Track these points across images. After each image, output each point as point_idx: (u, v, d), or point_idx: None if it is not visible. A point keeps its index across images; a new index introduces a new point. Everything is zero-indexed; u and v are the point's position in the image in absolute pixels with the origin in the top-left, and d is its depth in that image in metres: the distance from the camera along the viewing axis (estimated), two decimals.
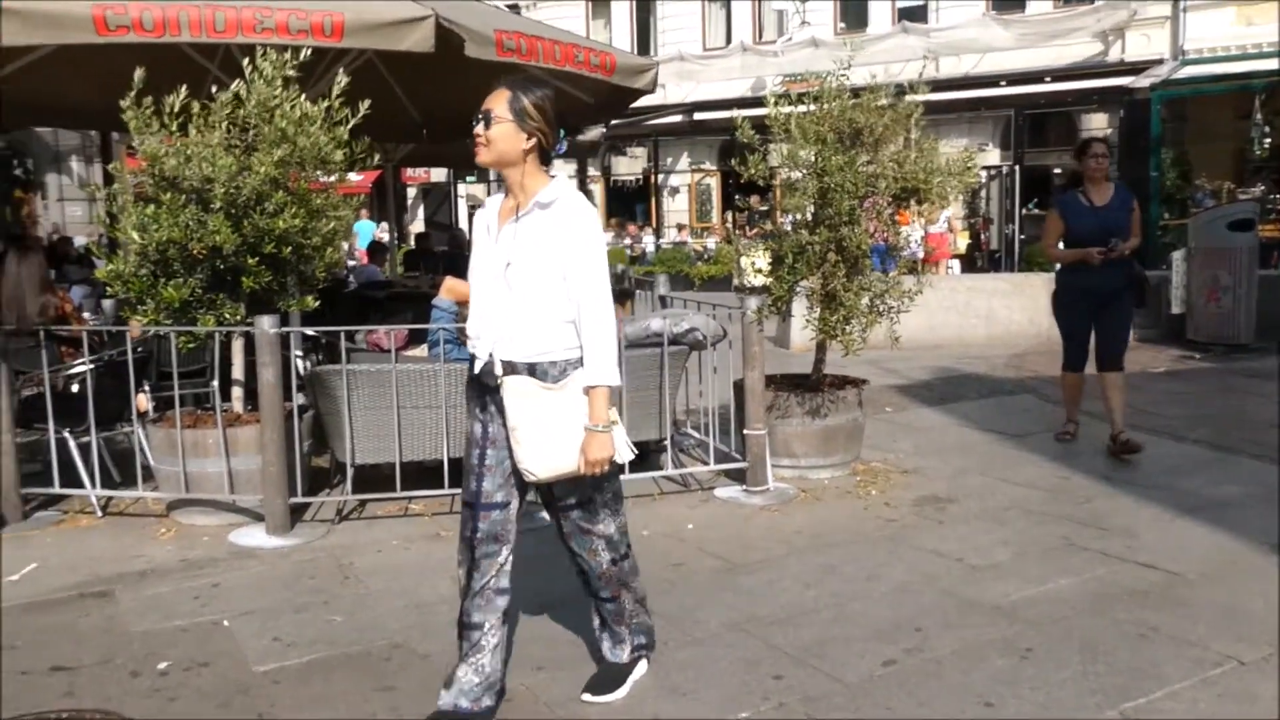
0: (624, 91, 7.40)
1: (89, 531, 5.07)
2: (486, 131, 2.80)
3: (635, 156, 26.30)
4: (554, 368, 2.84)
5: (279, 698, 3.28)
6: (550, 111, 2.84)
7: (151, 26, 4.95)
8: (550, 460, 2.84)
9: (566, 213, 2.83)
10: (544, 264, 2.81)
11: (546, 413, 2.82)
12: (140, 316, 4.97)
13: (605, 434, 2.82)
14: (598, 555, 3.11)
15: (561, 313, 2.83)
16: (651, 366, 5.53)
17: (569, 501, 3.02)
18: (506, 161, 2.84)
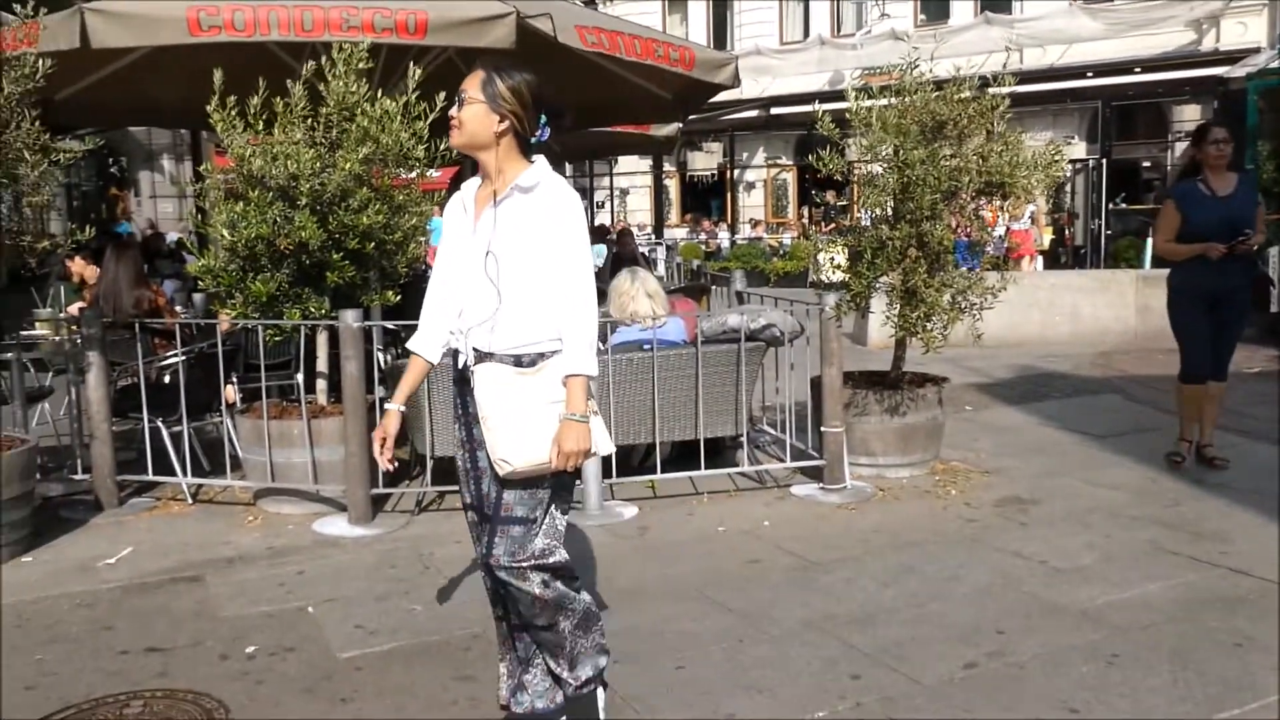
0: (702, 86, 7.39)
1: (180, 518, 5.24)
2: (459, 113, 2.68)
3: (711, 152, 26.24)
4: (527, 357, 2.68)
5: (362, 684, 3.35)
6: (528, 95, 2.66)
7: (242, 26, 5.09)
8: (527, 449, 2.62)
9: (547, 197, 2.67)
10: (525, 251, 2.66)
11: (521, 398, 2.64)
12: (229, 310, 5.11)
13: (583, 424, 2.62)
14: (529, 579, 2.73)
15: (544, 301, 2.67)
16: (728, 362, 5.51)
17: (517, 512, 2.70)
18: (478, 144, 2.69)
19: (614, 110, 9.68)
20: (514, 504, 2.69)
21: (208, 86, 4.84)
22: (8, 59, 4.16)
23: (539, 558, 2.71)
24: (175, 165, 20.64)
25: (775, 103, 22.01)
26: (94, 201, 18.43)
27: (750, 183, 26.35)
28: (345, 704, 3.22)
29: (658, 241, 19.60)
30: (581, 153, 18.15)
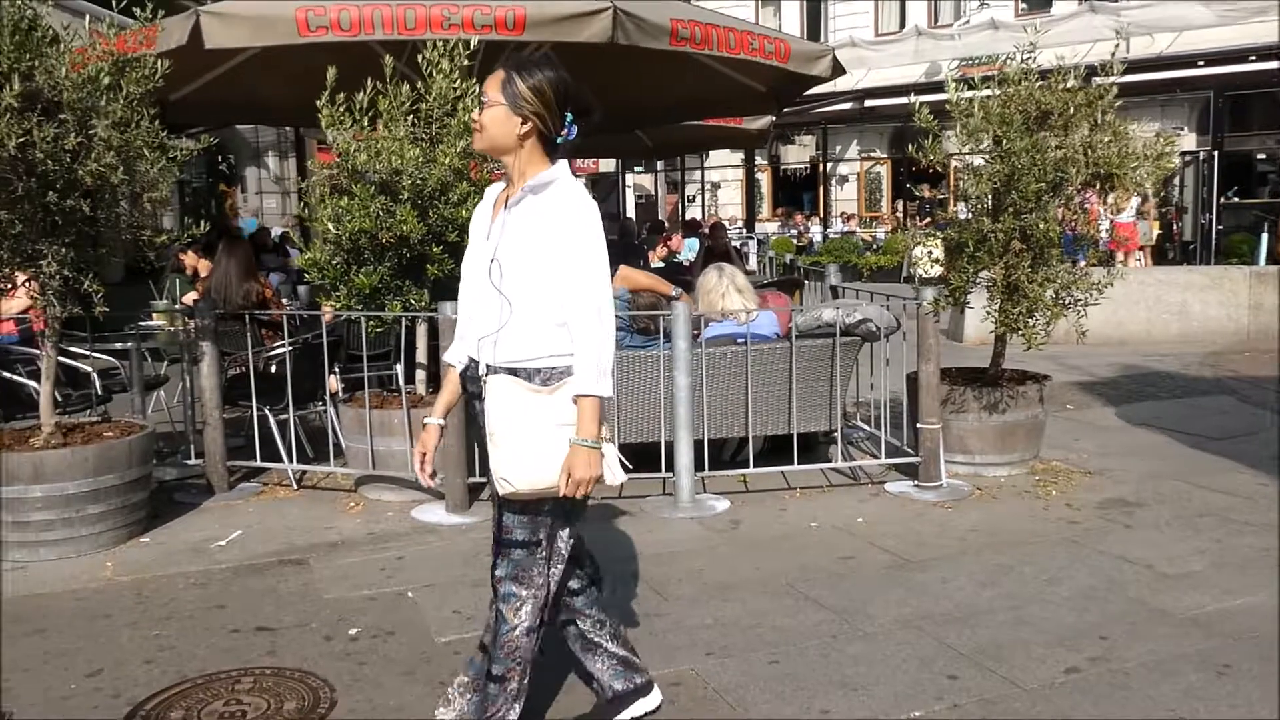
0: (798, 79, 7.33)
1: (285, 503, 5.41)
2: (480, 116, 2.55)
3: (803, 145, 26.02)
4: (538, 375, 2.50)
5: (458, 668, 3.41)
6: (550, 94, 2.51)
7: (348, 26, 5.22)
8: (530, 471, 2.47)
9: (557, 199, 2.50)
10: (531, 258, 2.49)
11: (531, 416, 2.47)
12: (333, 302, 5.26)
13: (593, 450, 2.45)
14: (519, 614, 2.62)
15: (552, 314, 2.49)
16: (822, 357, 5.47)
17: (516, 536, 2.61)
18: (500, 148, 2.56)
19: (706, 104, 9.68)
20: (513, 527, 2.60)
21: (311, 85, 4.99)
22: (130, 60, 4.34)
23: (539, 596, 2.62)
24: (279, 162, 21.27)
25: (870, 95, 21.70)
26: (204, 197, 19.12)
27: (843, 176, 26.05)
28: (443, 687, 3.28)
29: (749, 235, 19.52)
30: (672, 147, 18.12)
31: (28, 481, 4.39)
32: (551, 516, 2.61)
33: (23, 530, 4.43)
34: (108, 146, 4.19)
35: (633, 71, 8.04)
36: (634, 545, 4.61)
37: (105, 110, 4.21)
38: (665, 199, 29.78)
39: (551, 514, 2.60)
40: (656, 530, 4.83)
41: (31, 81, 4.07)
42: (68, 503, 4.44)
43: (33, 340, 7.20)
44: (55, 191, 4.19)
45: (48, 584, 4.21)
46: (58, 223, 4.30)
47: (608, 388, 2.48)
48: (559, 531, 2.65)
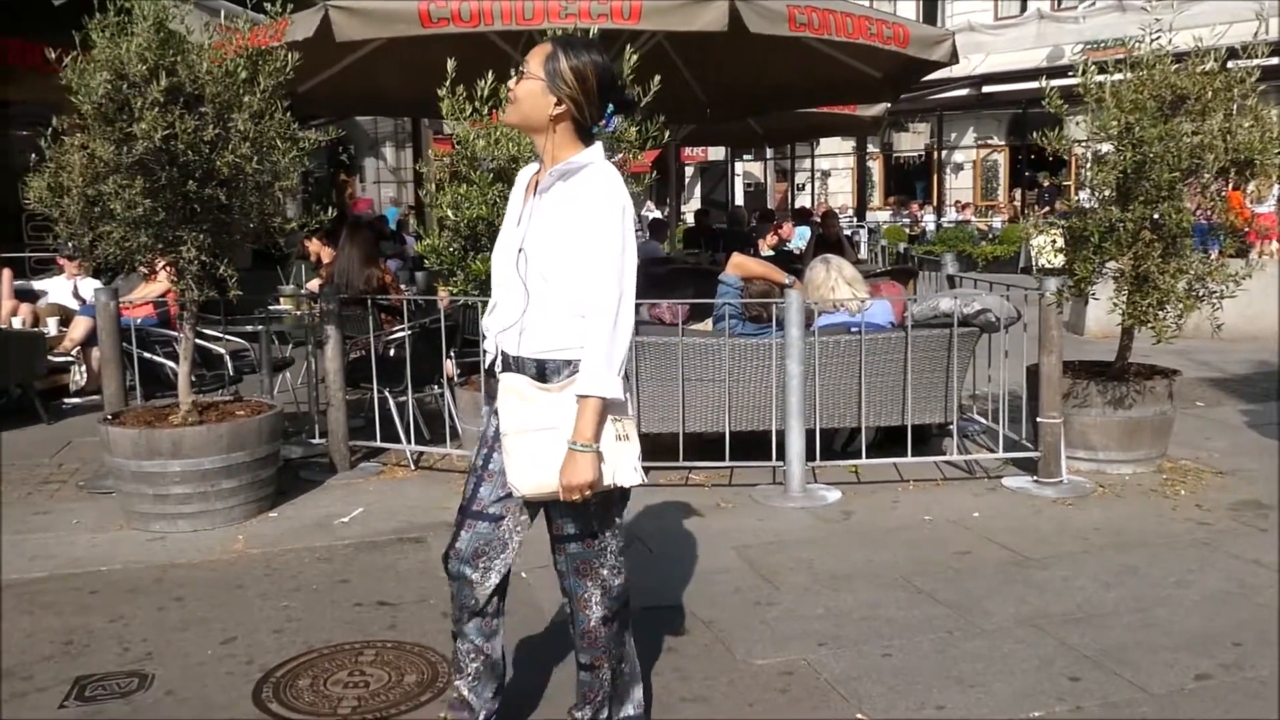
0: (916, 64, 7.18)
1: (404, 482, 5.57)
2: (514, 87, 2.42)
3: (918, 132, 25.48)
4: (567, 367, 2.39)
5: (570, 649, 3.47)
6: (593, 81, 2.37)
7: (468, 17, 5.33)
8: (535, 475, 2.38)
9: (586, 186, 2.37)
10: (557, 247, 2.37)
11: (539, 418, 2.38)
12: (450, 287, 5.38)
13: (587, 454, 2.32)
14: (590, 607, 2.59)
15: (578, 305, 2.37)
16: (938, 348, 5.36)
17: (567, 529, 2.54)
18: (530, 125, 2.44)
19: (820, 91, 9.57)
20: (563, 522, 2.53)
21: (429, 76, 5.09)
22: (264, 54, 4.51)
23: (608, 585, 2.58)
24: (396, 152, 21.83)
25: (987, 80, 21.10)
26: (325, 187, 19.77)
27: (958, 164, 25.45)
28: (556, 668, 3.34)
29: (860, 224, 19.24)
30: (783, 135, 17.98)
31: (168, 456, 4.62)
32: (596, 505, 2.47)
33: (163, 503, 4.67)
34: (244, 138, 4.37)
35: (746, 59, 8.01)
36: (744, 533, 4.61)
37: (242, 103, 4.38)
38: (774, 187, 29.56)
39: (598, 504, 2.46)
40: (767, 519, 4.82)
41: (175, 77, 4.27)
42: (203, 477, 4.66)
43: (169, 323, 7.57)
44: (195, 181, 4.39)
45: (185, 554, 4.42)
46: (196, 210, 4.50)
47: (615, 388, 2.33)
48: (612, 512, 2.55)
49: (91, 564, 4.33)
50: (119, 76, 4.22)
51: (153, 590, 4.03)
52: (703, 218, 15.34)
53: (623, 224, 2.35)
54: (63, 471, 5.86)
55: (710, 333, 5.54)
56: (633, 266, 2.37)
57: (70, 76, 4.26)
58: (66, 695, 3.16)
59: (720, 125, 12.85)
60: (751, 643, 3.48)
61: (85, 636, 3.59)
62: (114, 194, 4.29)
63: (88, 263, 4.83)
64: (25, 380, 7.21)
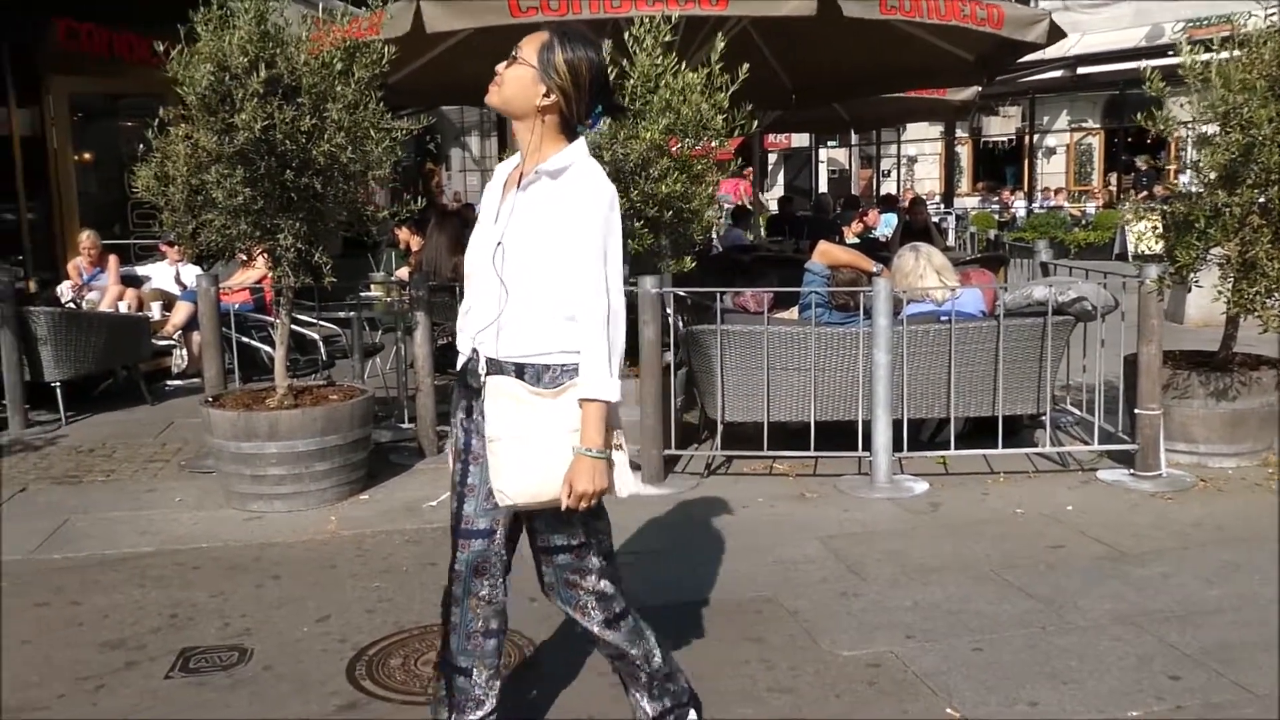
0: (1010, 45, 7.00)
1: None
2: (504, 70, 2.33)
3: (1009, 116, 24.82)
4: (547, 372, 2.30)
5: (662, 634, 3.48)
6: (586, 76, 2.29)
7: (557, 6, 5.36)
8: (528, 482, 2.28)
9: (574, 184, 2.28)
10: (541, 245, 2.28)
11: (533, 422, 2.28)
12: None
13: (598, 460, 2.25)
14: (589, 615, 2.51)
15: (561, 307, 2.28)
16: (1032, 337, 5.24)
17: (554, 541, 2.44)
18: (514, 111, 2.34)
19: (910, 75, 9.40)
20: (548, 533, 2.44)
21: None
22: (359, 45, 4.60)
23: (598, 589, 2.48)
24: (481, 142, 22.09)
25: (1083, 61, 20.44)
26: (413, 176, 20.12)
27: (1050, 148, 24.76)
28: None
29: (947, 211, 18.85)
30: (869, 121, 17.70)
31: (264, 439, 4.76)
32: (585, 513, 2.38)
33: (259, 483, 4.82)
34: (339, 128, 4.47)
35: (834, 43, 7.91)
36: (829, 523, 4.57)
37: (338, 94, 4.48)
38: (859, 174, 29.14)
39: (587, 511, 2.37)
40: (853, 509, 4.77)
41: (274, 68, 4.38)
42: (298, 459, 4.79)
43: (265, 308, 7.80)
44: (292, 170, 4.50)
45: (280, 534, 4.56)
46: (293, 199, 4.62)
47: (615, 391, 2.26)
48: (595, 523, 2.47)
49: (194, 541, 4.50)
50: (221, 68, 4.36)
51: (251, 568, 4.16)
52: (787, 205, 15.21)
53: (610, 224, 2.29)
54: (166, 451, 6.08)
55: (796, 321, 5.49)
56: (619, 266, 2.30)
57: (176, 69, 4.41)
58: (173, 665, 3.29)
59: (805, 111, 12.71)
60: (837, 633, 3.45)
61: (189, 610, 3.73)
62: (216, 183, 4.43)
63: (190, 249, 4.99)
64: (131, 363, 7.50)
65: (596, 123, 2.39)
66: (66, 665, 3.31)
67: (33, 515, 4.87)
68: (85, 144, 10.76)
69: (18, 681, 3.21)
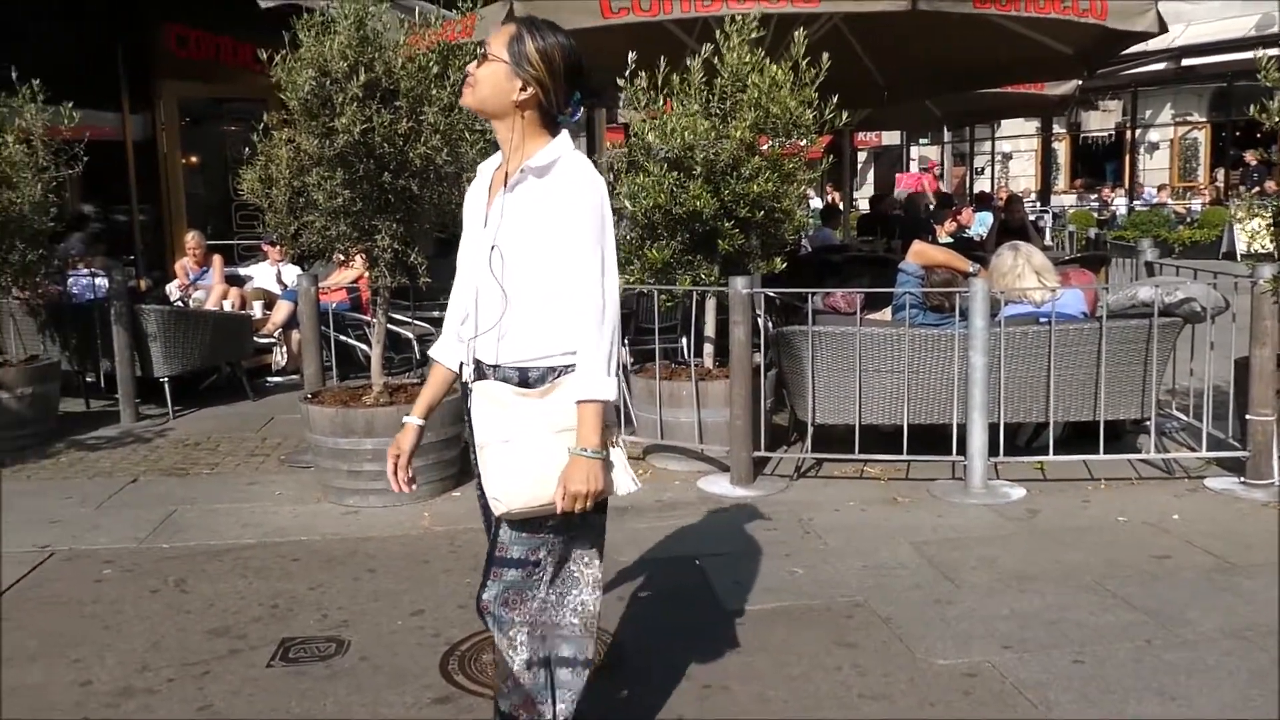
0: (1113, 38, 6.78)
1: None
2: (476, 70, 2.25)
3: (1108, 110, 24.10)
4: (551, 374, 2.24)
5: (747, 637, 3.47)
6: (560, 64, 2.21)
7: (648, 6, 5.36)
8: (523, 487, 2.19)
9: (563, 180, 2.21)
10: (535, 246, 2.20)
11: (522, 425, 2.20)
12: (626, 276, 5.44)
13: (594, 461, 2.15)
14: (514, 647, 2.32)
15: (560, 307, 2.21)
16: (1136, 339, 5.06)
17: (511, 554, 2.30)
18: (491, 110, 2.26)
19: (1007, 70, 9.17)
20: (509, 543, 2.30)
21: (604, 66, 5.13)
22: (453, 49, 4.68)
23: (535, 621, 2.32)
24: None
25: (1188, 53, 19.71)
26: None
27: (1153, 143, 23.94)
28: (732, 655, 3.35)
29: (1044, 209, 18.38)
30: (963, 117, 17.32)
31: (361, 435, 4.87)
32: (555, 533, 2.29)
33: (356, 479, 4.93)
34: (435, 130, 4.55)
35: (927, 38, 7.76)
36: (923, 529, 4.49)
37: (433, 97, 4.56)
38: (951, 171, 28.59)
39: (555, 530, 2.28)
40: (947, 515, 4.68)
41: (372, 73, 4.48)
42: None
43: (360, 308, 7.98)
44: (389, 172, 4.60)
45: (375, 529, 4.66)
46: (390, 201, 4.72)
47: (612, 390, 2.18)
48: (569, 550, 2.34)
49: (294, 533, 4.62)
50: (323, 73, 4.47)
51: (348, 561, 4.26)
52: (878, 204, 14.99)
53: (602, 219, 2.21)
54: (266, 445, 6.27)
55: (889, 322, 5.41)
56: (614, 263, 2.23)
57: (280, 74, 4.53)
58: (274, 655, 3.39)
59: (897, 108, 12.51)
60: (932, 641, 3.39)
61: (289, 601, 3.83)
62: (316, 185, 4.55)
63: (291, 250, 5.13)
64: (234, 359, 7.75)
65: (577, 111, 2.30)
66: (175, 650, 3.44)
67: (143, 505, 5.06)
68: (192, 147, 11.16)
69: (133, 662, 3.34)
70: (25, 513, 4.95)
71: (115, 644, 3.50)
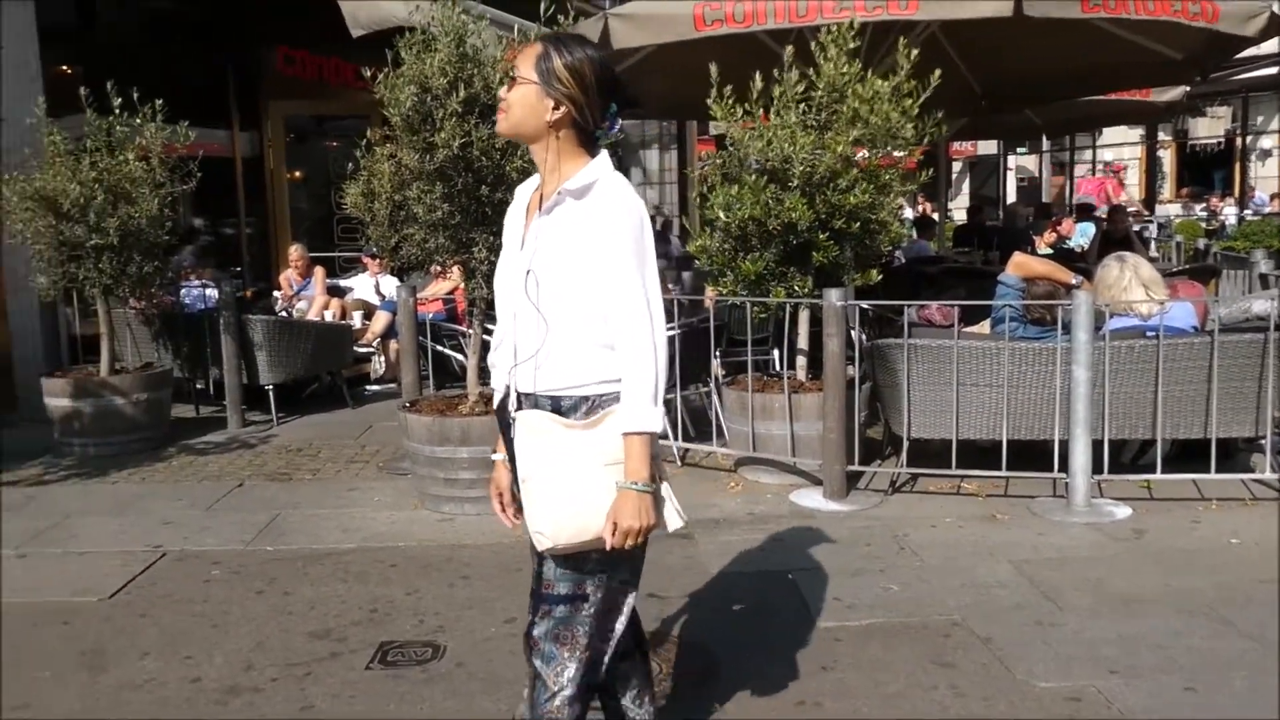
0: (1224, 42, 6.55)
1: (671, 478, 5.68)
2: (507, 94, 2.19)
3: (1217, 117, 23.20)
4: (585, 403, 2.15)
5: (840, 654, 3.43)
6: (592, 77, 2.14)
7: (741, 18, 5.36)
8: (568, 522, 2.12)
9: (601, 203, 2.13)
10: (573, 271, 2.13)
11: (566, 456, 2.13)
12: (720, 287, 5.44)
13: (644, 494, 2.08)
14: (559, 681, 2.23)
15: (597, 334, 2.14)
16: (1250, 354, 4.86)
17: (559, 590, 2.23)
18: (526, 134, 2.20)
19: (1112, 76, 8.92)
20: (555, 579, 2.23)
21: (696, 79, 5.16)
22: None
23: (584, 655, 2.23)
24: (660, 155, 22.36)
25: None
26: None
27: (1265, 150, 23.02)
28: (825, 671, 3.31)
29: (1148, 219, 17.78)
30: (1063, 125, 16.89)
31: (457, 443, 4.96)
32: (601, 566, 2.22)
33: (452, 486, 5.01)
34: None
35: (1028, 45, 7.60)
36: (1023, 547, 4.38)
37: None
38: (1050, 181, 27.88)
39: (600, 563, 2.21)
40: (1048, 533, 4.55)
41: (471, 88, 4.57)
42: (488, 465, 4.94)
43: (455, 318, 8.13)
44: (486, 186, 4.69)
45: (469, 536, 4.73)
46: (487, 213, 4.80)
47: (658, 421, 2.10)
48: (613, 581, 2.25)
49: (391, 539, 4.72)
50: (424, 90, 4.58)
51: (444, 567, 4.34)
52: (975, 214, 14.70)
53: (642, 242, 2.14)
54: (365, 453, 6.42)
55: (988, 335, 5.29)
56: (657, 286, 2.15)
57: (382, 91, 4.66)
58: (372, 658, 3.47)
59: (994, 117, 12.26)
60: (1033, 663, 3.30)
61: (387, 606, 3.92)
62: (417, 198, 4.66)
63: (391, 262, 5.26)
64: (335, 368, 7.97)
65: (615, 124, 2.22)
66: (278, 651, 3.54)
67: (249, 508, 5.23)
68: (296, 163, 11.54)
69: (239, 662, 3.45)
70: (141, 513, 5.17)
71: (223, 643, 3.62)
